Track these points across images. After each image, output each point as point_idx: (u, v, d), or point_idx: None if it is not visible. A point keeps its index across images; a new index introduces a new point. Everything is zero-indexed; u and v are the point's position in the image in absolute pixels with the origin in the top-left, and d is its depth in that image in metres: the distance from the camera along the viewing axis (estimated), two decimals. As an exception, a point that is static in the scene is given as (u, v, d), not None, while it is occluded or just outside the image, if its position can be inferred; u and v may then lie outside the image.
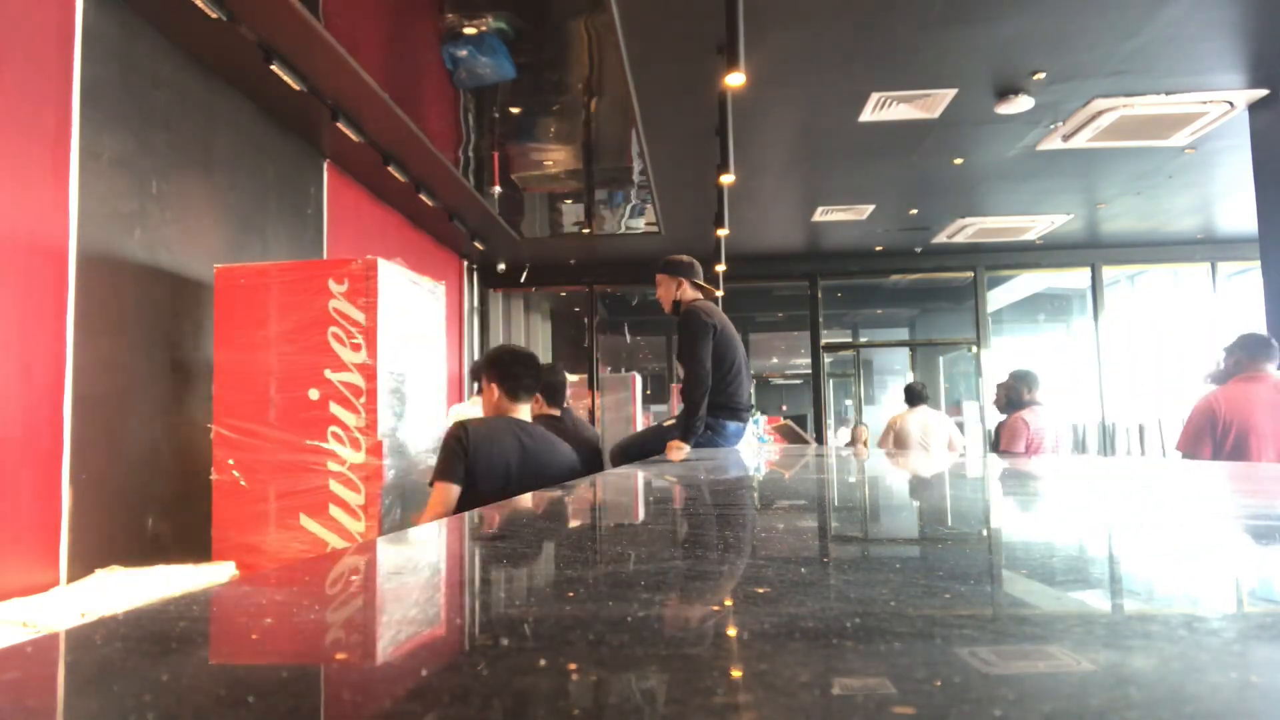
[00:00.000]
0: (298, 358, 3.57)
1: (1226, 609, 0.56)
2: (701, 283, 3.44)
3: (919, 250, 9.11)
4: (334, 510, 3.47)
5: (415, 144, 5.36)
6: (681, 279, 3.41)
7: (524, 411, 2.77)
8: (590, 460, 3.61)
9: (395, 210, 6.64)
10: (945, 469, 2.42)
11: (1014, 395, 4.89)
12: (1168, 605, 0.57)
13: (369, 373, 3.51)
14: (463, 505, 2.49)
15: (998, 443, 5.04)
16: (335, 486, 3.47)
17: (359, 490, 3.44)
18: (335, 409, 3.53)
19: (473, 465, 2.51)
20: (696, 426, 3.10)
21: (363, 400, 3.52)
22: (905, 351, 13.11)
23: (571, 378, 5.41)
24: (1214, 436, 3.46)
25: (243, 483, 3.55)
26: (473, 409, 4.33)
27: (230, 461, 3.56)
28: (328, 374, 3.53)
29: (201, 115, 4.16)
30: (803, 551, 0.87)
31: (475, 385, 4.53)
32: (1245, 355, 3.51)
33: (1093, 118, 5.32)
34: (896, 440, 5.93)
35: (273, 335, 3.60)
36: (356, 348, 3.54)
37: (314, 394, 3.53)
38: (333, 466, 3.49)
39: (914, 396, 5.95)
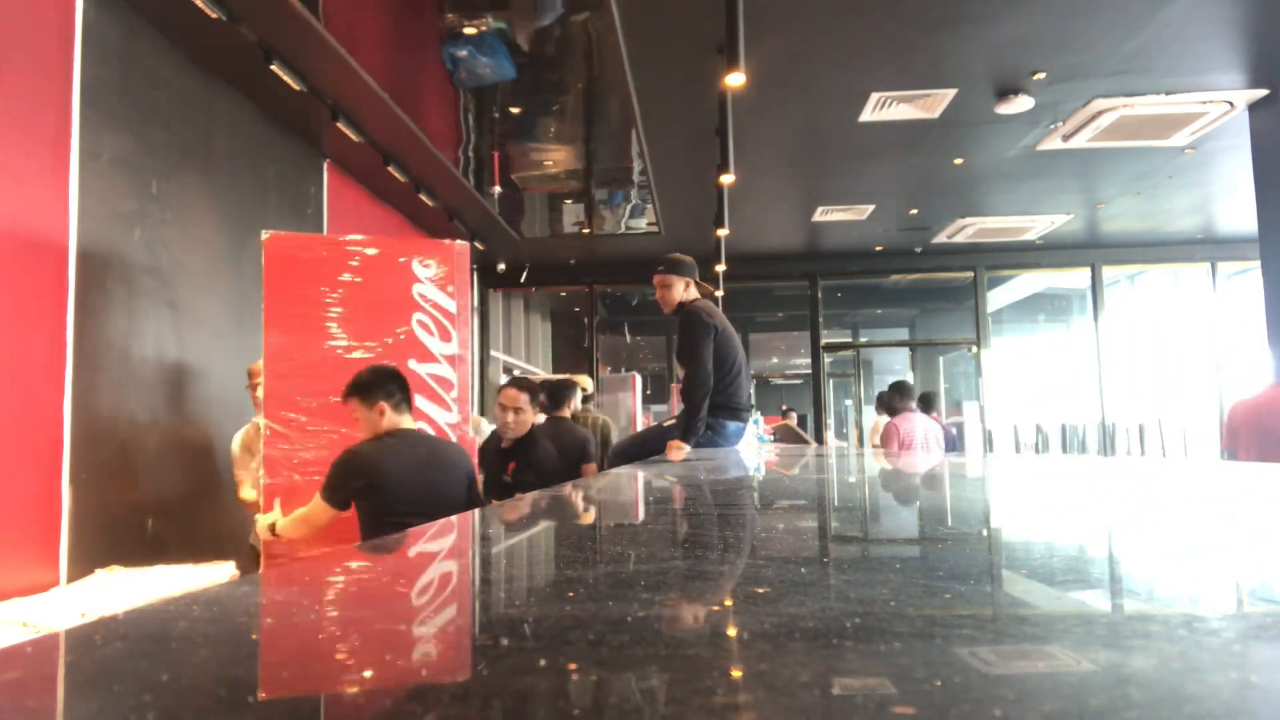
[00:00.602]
0: (378, 346, 3.19)
1: (1226, 609, 0.56)
2: (700, 282, 3.44)
3: (919, 250, 9.11)
4: None
5: (415, 144, 5.36)
6: (689, 279, 3.38)
7: (409, 421, 2.73)
8: (576, 458, 3.87)
9: (395, 210, 6.64)
10: (945, 470, 2.42)
11: (891, 402, 5.74)
12: (1168, 605, 0.57)
13: (459, 364, 3.21)
14: (377, 526, 2.47)
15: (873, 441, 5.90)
16: None
17: None
18: (422, 404, 3.16)
19: (376, 490, 2.49)
20: (697, 427, 3.10)
21: (454, 394, 3.22)
22: (905, 351, 13.11)
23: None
24: (1232, 438, 3.82)
25: (296, 478, 3.11)
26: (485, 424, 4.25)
27: (291, 461, 3.10)
28: (413, 365, 3.17)
29: (201, 115, 4.16)
30: (802, 551, 0.88)
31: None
32: None
33: (1093, 118, 5.32)
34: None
35: (343, 319, 3.18)
36: (446, 337, 3.24)
37: None
38: None
39: (883, 404, 6.86)
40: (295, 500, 3.01)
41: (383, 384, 2.67)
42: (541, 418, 3.85)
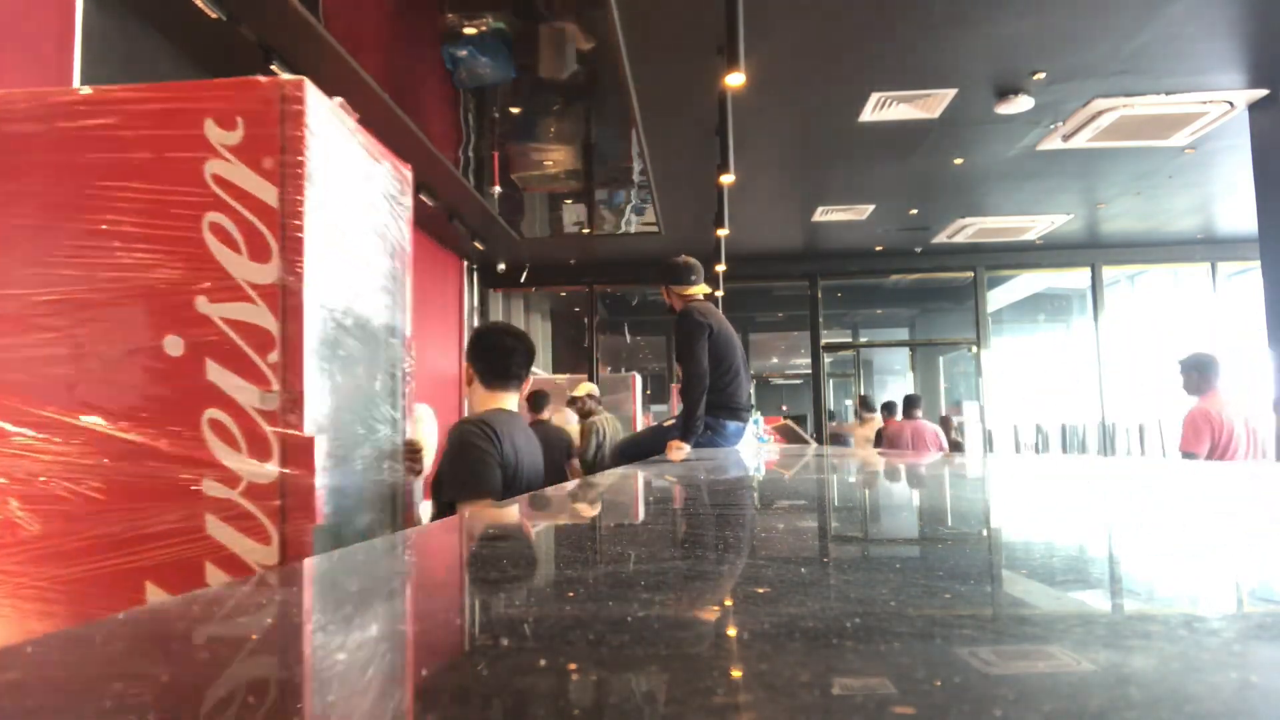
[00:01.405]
0: (137, 272, 1.69)
1: (1226, 609, 0.56)
2: (697, 282, 3.46)
3: (919, 250, 9.11)
4: (214, 574, 1.64)
5: (415, 144, 5.36)
6: (664, 285, 3.47)
7: (511, 403, 2.09)
8: (560, 456, 4.67)
9: (395, 210, 6.63)
10: (944, 470, 2.42)
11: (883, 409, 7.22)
12: (1168, 605, 0.57)
13: (284, 301, 1.69)
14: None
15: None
16: (217, 529, 1.61)
17: (268, 534, 1.57)
18: (217, 374, 1.69)
19: (508, 471, 1.89)
20: (696, 426, 3.11)
21: (274, 356, 1.68)
22: (905, 351, 13.11)
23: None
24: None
25: (19, 513, 1.60)
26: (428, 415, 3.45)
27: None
28: (202, 305, 1.69)
29: (201, 115, 4.16)
30: (802, 551, 0.88)
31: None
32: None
33: (1093, 118, 5.32)
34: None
35: (83, 234, 1.70)
36: (262, 253, 1.69)
37: (174, 346, 1.68)
38: (213, 489, 1.63)
39: (867, 408, 7.90)
40: (17, 545, 1.62)
41: (479, 341, 1.95)
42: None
